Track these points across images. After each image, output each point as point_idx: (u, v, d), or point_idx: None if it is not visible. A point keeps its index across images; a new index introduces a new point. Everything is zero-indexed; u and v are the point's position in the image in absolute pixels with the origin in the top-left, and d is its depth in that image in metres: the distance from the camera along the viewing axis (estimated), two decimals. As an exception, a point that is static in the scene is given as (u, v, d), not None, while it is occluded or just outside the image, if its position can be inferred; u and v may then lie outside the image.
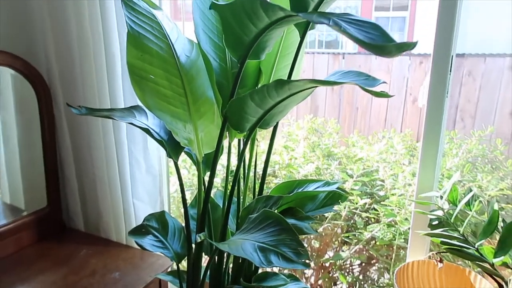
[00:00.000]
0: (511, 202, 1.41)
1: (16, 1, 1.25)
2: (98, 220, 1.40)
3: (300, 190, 0.98)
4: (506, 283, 0.87)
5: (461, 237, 0.92)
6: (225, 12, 0.70)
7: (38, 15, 1.24)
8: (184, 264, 1.16)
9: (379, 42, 0.61)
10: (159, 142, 0.91)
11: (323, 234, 1.53)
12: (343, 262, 1.49)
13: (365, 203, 1.39)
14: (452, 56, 1.05)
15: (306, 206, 0.99)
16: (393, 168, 1.48)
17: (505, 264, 0.90)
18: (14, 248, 1.29)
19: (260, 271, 1.09)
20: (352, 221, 1.45)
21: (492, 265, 0.89)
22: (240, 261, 1.05)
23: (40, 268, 1.22)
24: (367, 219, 1.43)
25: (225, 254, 1.03)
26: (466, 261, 1.10)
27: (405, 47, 0.57)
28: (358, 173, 1.36)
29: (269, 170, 1.67)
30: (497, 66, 3.12)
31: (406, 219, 1.26)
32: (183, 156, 1.01)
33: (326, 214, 1.46)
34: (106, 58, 1.18)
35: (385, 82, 0.72)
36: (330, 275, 1.52)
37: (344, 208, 1.42)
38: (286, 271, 1.18)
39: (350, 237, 1.45)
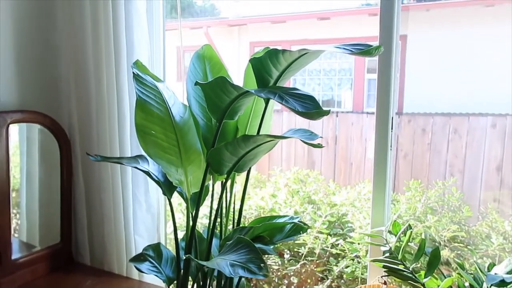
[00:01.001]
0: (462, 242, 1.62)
1: (46, 69, 1.56)
2: (102, 254, 1.60)
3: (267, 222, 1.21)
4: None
5: (399, 262, 1.13)
6: (206, 88, 0.98)
7: (65, 81, 1.55)
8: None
9: (311, 110, 0.88)
10: (157, 182, 1.16)
11: (301, 271, 1.72)
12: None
13: (336, 240, 1.61)
14: (392, 116, 1.32)
15: (275, 236, 1.22)
16: (361, 211, 1.71)
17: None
18: (31, 277, 1.50)
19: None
20: (325, 259, 1.65)
21: (423, 284, 1.10)
22: (222, 283, 1.25)
23: (51, 295, 1.42)
24: (336, 255, 1.63)
25: (208, 280, 1.23)
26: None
27: (323, 113, 0.83)
28: (326, 214, 1.59)
29: (254, 213, 1.90)
30: (480, 125, 3.41)
31: (367, 251, 1.47)
32: (179, 200, 1.25)
33: (302, 252, 1.66)
34: (118, 118, 1.46)
35: (321, 137, 0.99)
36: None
37: (317, 246, 1.63)
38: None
39: (324, 272, 1.65)
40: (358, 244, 1.52)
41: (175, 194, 1.26)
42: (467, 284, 1.04)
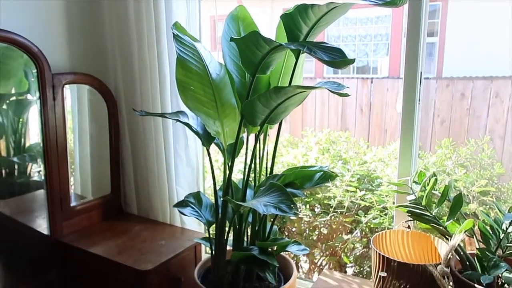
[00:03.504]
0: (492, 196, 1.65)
1: (94, 36, 1.69)
2: (148, 205, 1.77)
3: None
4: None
5: (422, 207, 1.20)
6: (240, 43, 1.06)
7: (110, 46, 1.68)
8: (212, 233, 1.49)
9: (337, 59, 0.94)
10: (196, 133, 1.28)
11: (331, 223, 1.82)
12: (347, 246, 1.77)
13: (364, 194, 1.68)
14: (420, 71, 1.36)
15: (305, 183, 1.31)
16: (389, 166, 1.77)
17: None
18: (87, 223, 1.69)
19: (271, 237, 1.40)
20: (353, 211, 1.74)
21: (445, 228, 1.16)
22: (256, 228, 1.37)
23: (106, 237, 1.60)
24: (365, 208, 1.71)
25: (244, 224, 1.35)
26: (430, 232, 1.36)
27: (348, 61, 0.90)
28: (355, 168, 1.66)
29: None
30: None
31: (393, 202, 1.54)
32: (215, 157, 1.34)
33: (332, 205, 1.75)
34: (160, 79, 1.58)
35: (348, 87, 1.05)
36: (337, 257, 1.80)
37: (346, 199, 1.71)
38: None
39: (352, 224, 1.74)
40: (386, 196, 1.59)
41: (212, 152, 1.37)
42: (488, 227, 1.09)
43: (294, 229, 1.92)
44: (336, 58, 0.95)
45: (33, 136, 1.64)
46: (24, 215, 1.63)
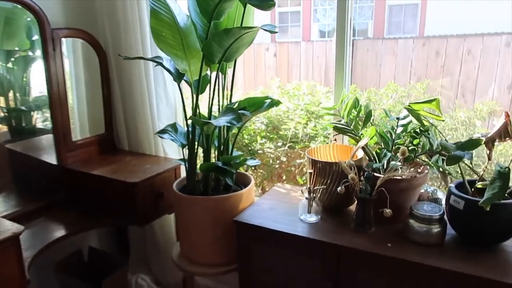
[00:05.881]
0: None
1: (85, -2, 1.99)
2: (137, 140, 2.13)
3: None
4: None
5: (345, 124, 1.57)
6: (196, -5, 1.40)
7: (98, 3, 1.98)
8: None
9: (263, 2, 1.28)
10: (169, 71, 1.62)
11: (288, 153, 2.20)
12: (302, 169, 2.15)
13: (314, 126, 2.05)
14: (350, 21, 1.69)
15: (256, 108, 1.67)
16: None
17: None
18: (87, 155, 2.05)
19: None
20: (306, 141, 2.11)
21: (359, 136, 1.53)
22: (222, 148, 1.74)
23: (102, 164, 1.97)
24: (315, 137, 2.09)
25: (210, 141, 1.71)
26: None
27: (271, 4, 1.23)
28: (303, 102, 2.02)
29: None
30: (494, 44, 3.62)
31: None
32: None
33: (288, 136, 2.12)
34: (140, 28, 1.90)
35: (277, 26, 1.39)
36: (293, 180, 2.19)
37: (300, 130, 2.08)
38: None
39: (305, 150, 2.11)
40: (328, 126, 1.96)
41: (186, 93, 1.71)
42: (386, 130, 1.47)
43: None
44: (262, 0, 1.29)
45: (36, 88, 1.99)
46: (36, 152, 2.00)
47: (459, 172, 1.37)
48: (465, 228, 1.29)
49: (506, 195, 1.20)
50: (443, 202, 1.41)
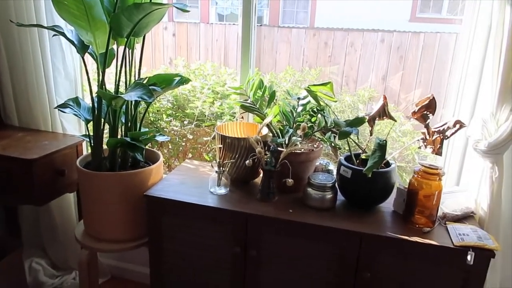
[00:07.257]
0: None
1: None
2: (29, 115, 1.96)
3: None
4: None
5: (251, 102, 1.68)
6: (105, -36, 1.35)
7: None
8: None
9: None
10: (71, 42, 1.54)
11: (195, 131, 2.25)
12: (208, 146, 2.23)
13: (220, 104, 2.13)
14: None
15: (165, 85, 1.68)
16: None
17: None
18: (-33, 130, 1.83)
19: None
20: (212, 119, 2.18)
21: (264, 114, 1.66)
22: (129, 125, 1.71)
23: (-11, 140, 1.79)
24: (221, 115, 2.17)
25: (117, 117, 1.68)
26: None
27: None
28: (210, 82, 2.09)
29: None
30: (372, 39, 4.01)
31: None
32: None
33: (195, 114, 2.17)
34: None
35: (189, 6, 1.42)
36: (200, 157, 2.26)
37: (206, 109, 2.14)
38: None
39: (211, 128, 2.19)
40: (234, 104, 2.06)
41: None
42: (288, 109, 1.63)
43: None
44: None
45: None
46: None
47: (347, 148, 1.59)
48: (352, 193, 1.52)
49: (382, 165, 1.44)
50: (335, 172, 1.62)
